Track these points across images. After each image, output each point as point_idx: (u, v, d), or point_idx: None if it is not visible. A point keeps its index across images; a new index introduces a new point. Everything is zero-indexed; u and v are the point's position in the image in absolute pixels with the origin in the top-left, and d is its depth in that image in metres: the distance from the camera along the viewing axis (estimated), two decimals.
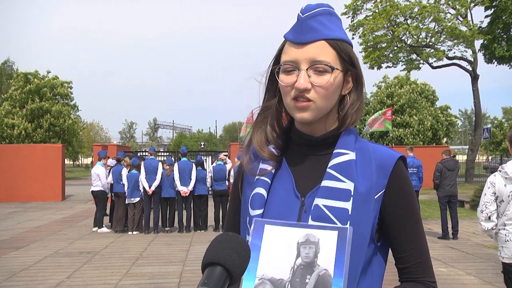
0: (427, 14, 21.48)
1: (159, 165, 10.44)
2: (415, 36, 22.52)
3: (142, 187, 10.32)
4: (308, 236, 0.92)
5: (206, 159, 17.46)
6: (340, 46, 1.09)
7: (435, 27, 22.30)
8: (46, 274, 6.76)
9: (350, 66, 1.11)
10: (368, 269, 1.07)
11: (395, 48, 23.47)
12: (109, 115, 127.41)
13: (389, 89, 30.64)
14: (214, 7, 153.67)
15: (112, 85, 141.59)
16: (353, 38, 23.00)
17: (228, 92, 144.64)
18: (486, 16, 22.73)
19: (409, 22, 22.68)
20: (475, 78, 22.55)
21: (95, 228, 10.75)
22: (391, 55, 24.06)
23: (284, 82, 1.09)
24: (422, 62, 23.78)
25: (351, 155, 1.08)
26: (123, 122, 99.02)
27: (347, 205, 1.03)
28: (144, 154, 17.76)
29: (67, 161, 42.73)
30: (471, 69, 22.72)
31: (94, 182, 10.79)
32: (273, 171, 1.15)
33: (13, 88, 32.14)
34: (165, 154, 22.13)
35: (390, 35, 22.76)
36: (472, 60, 22.71)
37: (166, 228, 10.57)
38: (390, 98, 30.07)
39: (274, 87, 1.19)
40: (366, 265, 1.06)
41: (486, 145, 30.43)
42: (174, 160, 12.77)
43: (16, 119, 30.67)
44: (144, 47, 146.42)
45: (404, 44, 23.20)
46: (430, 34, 22.41)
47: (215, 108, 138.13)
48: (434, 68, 23.71)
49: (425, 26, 22.16)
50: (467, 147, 29.06)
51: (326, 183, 1.06)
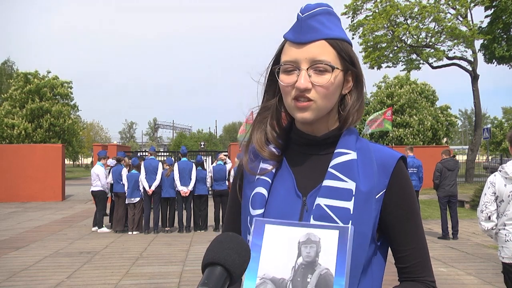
0: (427, 14, 21.48)
1: (159, 165, 10.44)
2: (415, 36, 22.52)
3: (142, 187, 10.32)
4: (309, 236, 0.92)
5: (206, 159, 17.47)
6: (340, 45, 1.09)
7: (435, 27, 22.30)
8: (46, 274, 6.76)
9: (350, 66, 1.11)
10: (368, 268, 1.07)
11: (395, 48, 23.46)
12: (109, 115, 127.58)
13: (389, 89, 30.63)
14: (214, 7, 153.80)
15: (112, 85, 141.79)
16: (353, 38, 23.00)
17: (228, 92, 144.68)
18: (486, 16, 22.74)
19: (409, 22, 22.68)
20: (475, 78, 22.55)
21: (94, 228, 10.75)
22: (391, 55, 24.05)
23: (284, 82, 1.09)
24: (422, 62, 23.77)
25: (352, 155, 1.08)
26: (123, 122, 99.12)
27: (349, 204, 1.03)
28: (144, 154, 17.76)
29: (67, 161, 42.74)
30: (471, 69, 22.72)
31: (93, 182, 10.80)
32: (273, 170, 1.15)
33: (13, 88, 32.15)
34: (165, 154, 22.14)
35: (390, 35, 22.76)
36: (472, 60, 22.71)
37: (166, 228, 10.57)
38: (390, 98, 30.07)
39: (273, 87, 1.18)
40: (366, 264, 1.06)
41: (486, 145, 30.43)
42: (174, 160, 12.77)
43: (16, 119, 30.67)
44: (144, 47, 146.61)
45: (404, 44, 23.20)
46: (430, 34, 22.40)
47: (215, 108, 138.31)
48: (434, 68, 23.71)
49: (425, 26, 22.16)
50: (467, 147, 29.07)
51: (327, 182, 1.06)
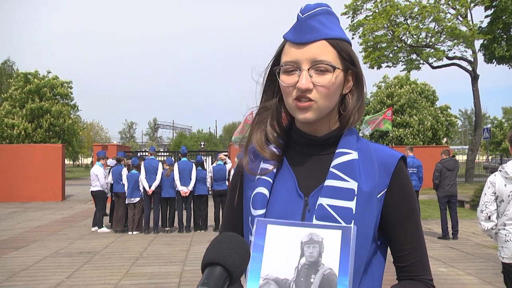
0: (427, 14, 21.48)
1: (159, 165, 10.44)
2: (415, 36, 22.52)
3: (142, 187, 10.32)
4: (311, 236, 0.92)
5: (206, 159, 17.47)
6: (340, 45, 1.09)
7: (435, 27, 22.30)
8: (46, 274, 6.76)
9: (351, 65, 1.12)
10: (368, 268, 1.08)
11: (395, 48, 23.46)
12: (109, 115, 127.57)
13: (389, 89, 30.63)
14: (214, 7, 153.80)
15: (112, 85, 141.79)
16: (353, 38, 23.00)
17: (228, 92, 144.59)
18: (486, 16, 22.73)
19: (409, 22, 22.68)
20: (475, 78, 22.55)
21: (94, 228, 10.76)
22: (391, 55, 24.05)
23: (285, 83, 1.09)
24: (422, 62, 23.77)
25: (353, 155, 1.09)
26: (123, 122, 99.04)
27: (351, 204, 1.03)
28: (144, 154, 17.76)
29: (67, 161, 42.74)
30: (471, 69, 22.72)
31: (93, 183, 10.81)
32: (274, 170, 1.15)
33: (13, 88, 32.14)
34: (165, 154, 22.14)
35: (390, 35, 22.76)
36: (472, 60, 22.71)
37: (166, 228, 10.57)
38: (390, 98, 30.06)
39: (272, 87, 1.18)
40: (367, 264, 1.06)
41: (486, 145, 30.43)
42: (174, 160, 12.77)
43: (16, 119, 30.65)
44: (144, 47, 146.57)
45: (404, 44, 23.20)
46: (430, 34, 22.40)
47: (215, 108, 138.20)
48: (434, 68, 23.71)
49: (425, 26, 22.16)
50: (467, 147, 29.06)
51: (329, 182, 1.06)
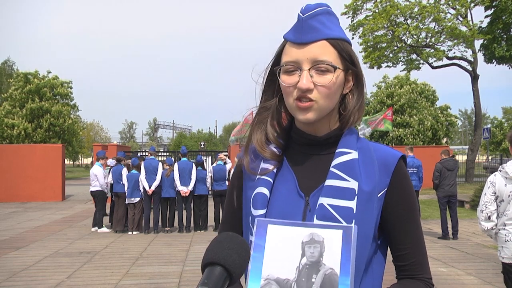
0: (427, 14, 21.48)
1: (159, 165, 10.44)
2: (415, 36, 22.52)
3: (142, 187, 10.32)
4: (312, 236, 0.92)
5: (206, 159, 17.46)
6: (340, 45, 1.09)
7: (435, 27, 22.30)
8: (46, 274, 6.76)
9: (351, 65, 1.12)
10: (369, 267, 1.08)
11: (395, 48, 23.46)
12: (109, 115, 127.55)
13: (389, 89, 30.62)
14: (214, 7, 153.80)
15: (112, 85, 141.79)
16: (353, 38, 23.00)
17: (228, 92, 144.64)
18: (486, 16, 22.74)
19: (409, 22, 22.68)
20: (475, 78, 22.55)
21: (94, 228, 10.76)
22: (391, 55, 24.05)
23: (286, 83, 1.09)
24: (422, 62, 23.78)
25: (353, 154, 1.09)
26: (123, 122, 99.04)
27: (352, 204, 1.03)
28: (144, 154, 17.76)
29: (67, 161, 42.73)
30: (471, 69, 22.72)
31: (92, 183, 10.81)
32: (274, 170, 1.15)
33: (13, 88, 32.13)
34: (165, 154, 22.13)
35: (390, 35, 22.76)
36: (472, 60, 22.71)
37: (166, 228, 10.57)
38: (390, 98, 30.06)
39: (272, 87, 1.18)
40: (367, 263, 1.07)
41: (486, 145, 30.43)
42: (174, 160, 12.77)
43: (16, 119, 30.65)
44: (144, 47, 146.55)
45: (404, 44, 23.20)
46: (430, 34, 22.40)
47: (215, 108, 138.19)
48: (434, 68, 23.71)
49: (425, 26, 22.16)
50: (467, 147, 29.06)
51: (330, 182, 1.06)
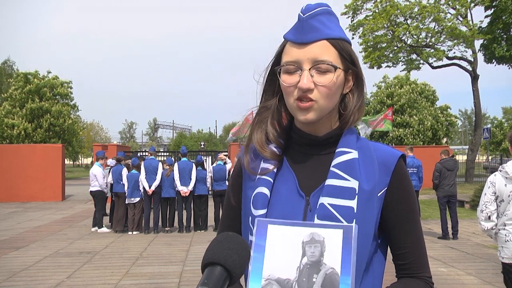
0: (427, 14, 21.48)
1: (159, 165, 10.44)
2: (415, 36, 22.52)
3: (142, 187, 10.32)
4: (313, 235, 0.92)
5: (206, 159, 17.46)
6: (341, 45, 1.09)
7: (435, 27, 22.30)
8: (46, 274, 6.76)
9: (351, 65, 1.12)
10: (369, 266, 1.08)
11: (395, 48, 23.47)
12: (109, 115, 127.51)
13: (389, 89, 30.62)
14: (214, 7, 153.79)
15: (112, 85, 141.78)
16: (353, 38, 23.00)
17: (228, 92, 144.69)
18: (486, 16, 22.74)
19: (409, 22, 22.68)
20: (475, 78, 22.55)
21: (94, 228, 10.76)
22: (391, 55, 24.05)
23: (286, 83, 1.09)
24: (422, 62, 23.78)
25: (353, 154, 1.09)
26: (123, 122, 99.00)
27: (352, 203, 1.04)
28: (144, 154, 17.76)
29: (67, 161, 42.74)
30: (471, 69, 22.72)
31: (92, 183, 10.81)
32: (274, 170, 1.15)
33: (13, 88, 32.13)
34: (165, 154, 22.14)
35: (390, 35, 22.76)
36: (472, 60, 22.71)
37: (166, 228, 10.57)
38: (390, 98, 30.06)
39: (272, 87, 1.19)
40: (368, 262, 1.07)
41: (486, 145, 30.44)
42: (174, 160, 12.77)
43: (16, 119, 30.65)
44: (144, 47, 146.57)
45: (404, 44, 23.20)
46: (430, 34, 22.40)
47: (215, 108, 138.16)
48: (434, 68, 23.71)
49: (425, 26, 22.16)
50: (467, 147, 29.07)
51: (330, 181, 1.06)
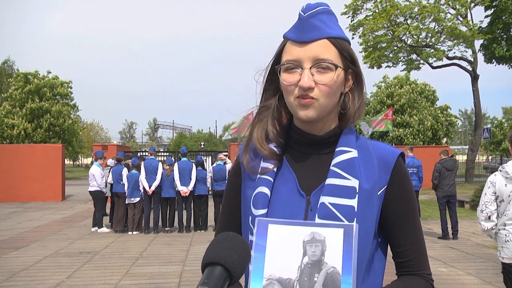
0: (427, 14, 21.49)
1: (159, 165, 10.44)
2: (415, 36, 22.52)
3: (142, 187, 10.32)
4: (313, 235, 0.92)
5: (206, 159, 17.47)
6: (341, 44, 1.10)
7: (435, 27, 22.31)
8: (46, 274, 6.76)
9: (351, 64, 1.12)
10: (370, 265, 1.08)
11: (395, 48, 23.47)
12: (109, 115, 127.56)
13: (389, 89, 30.64)
14: (214, 7, 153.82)
15: (112, 85, 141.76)
16: (353, 38, 23.02)
17: (228, 92, 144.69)
18: (486, 16, 22.75)
19: (409, 22, 22.69)
20: (475, 78, 22.56)
21: (94, 228, 10.76)
22: (391, 55, 24.06)
23: (286, 81, 1.09)
24: (422, 62, 23.79)
25: (353, 153, 1.09)
26: (123, 122, 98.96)
27: (353, 202, 1.04)
28: (144, 154, 17.76)
29: (67, 161, 42.73)
30: (471, 69, 22.73)
31: (90, 183, 10.81)
32: (275, 169, 1.15)
33: (13, 87, 32.13)
34: (165, 154, 22.14)
35: (390, 35, 22.76)
36: (472, 60, 22.72)
37: (166, 228, 10.56)
38: (390, 98, 30.08)
39: (272, 86, 1.19)
40: (369, 261, 1.07)
41: (486, 145, 30.43)
42: (174, 160, 12.76)
43: (16, 119, 30.66)
44: (144, 47, 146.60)
45: (404, 44, 23.21)
46: (430, 34, 22.41)
47: (215, 108, 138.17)
48: (434, 68, 23.72)
49: (425, 26, 22.17)
50: (467, 147, 29.07)
51: (331, 181, 1.06)
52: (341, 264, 0.89)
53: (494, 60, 22.74)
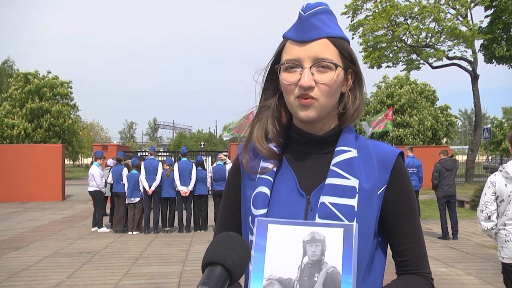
0: (427, 14, 21.49)
1: (159, 165, 10.44)
2: (415, 36, 22.52)
3: (142, 187, 10.32)
4: (313, 234, 0.92)
5: (206, 159, 17.47)
6: (341, 43, 1.10)
7: (435, 27, 22.31)
8: (46, 274, 6.76)
9: (351, 64, 1.13)
10: (370, 264, 1.08)
11: (395, 48, 23.47)
12: (109, 115, 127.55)
13: (389, 89, 30.63)
14: (214, 7, 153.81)
15: (112, 85, 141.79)
16: (353, 38, 23.02)
17: (228, 92, 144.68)
18: (486, 16, 22.75)
19: (409, 22, 22.69)
20: (475, 78, 22.56)
21: (94, 228, 10.76)
22: (391, 55, 24.06)
23: (286, 81, 1.09)
24: (422, 62, 23.78)
25: (353, 152, 1.09)
26: (123, 122, 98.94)
27: (353, 202, 1.04)
28: (144, 154, 17.76)
29: (67, 161, 42.73)
30: (471, 69, 22.73)
31: (90, 183, 10.80)
32: (274, 169, 1.14)
33: (13, 87, 32.13)
34: (165, 154, 22.14)
35: (390, 35, 22.76)
36: (472, 60, 22.72)
37: (166, 228, 10.57)
38: (390, 98, 30.07)
39: (272, 86, 1.19)
40: (369, 261, 1.07)
41: (486, 145, 30.43)
42: (174, 160, 12.76)
43: (16, 119, 30.66)
44: (144, 47, 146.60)
45: (404, 44, 23.21)
46: (430, 34, 22.41)
47: (215, 108, 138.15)
48: (434, 68, 23.72)
49: (425, 26, 22.17)
50: (467, 147, 29.07)
51: (330, 180, 1.06)
52: (341, 264, 0.89)
53: (494, 60, 22.74)
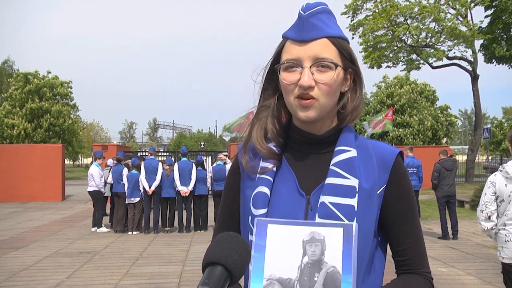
0: (427, 14, 21.49)
1: (159, 165, 10.44)
2: (415, 36, 22.52)
3: (142, 187, 10.32)
4: (313, 234, 0.92)
5: (206, 159, 17.47)
6: (340, 43, 1.10)
7: (435, 27, 22.31)
8: (46, 274, 6.76)
9: (350, 63, 1.13)
10: (370, 264, 1.08)
11: (395, 48, 23.47)
12: (109, 115, 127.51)
13: (389, 89, 30.63)
14: (214, 7, 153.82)
15: (112, 85, 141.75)
16: (353, 38, 23.03)
17: (228, 92, 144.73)
18: (486, 16, 22.75)
19: (409, 22, 22.68)
20: (475, 78, 22.56)
21: (93, 228, 10.76)
22: (391, 55, 24.06)
23: (286, 80, 1.09)
24: (422, 62, 23.77)
25: (353, 152, 1.09)
26: (123, 122, 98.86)
27: (353, 201, 1.04)
28: (144, 154, 17.76)
29: (67, 161, 42.71)
30: (471, 69, 22.72)
31: (89, 183, 10.81)
32: (274, 169, 1.14)
33: (13, 87, 32.13)
34: (165, 154, 22.14)
35: (390, 35, 22.76)
36: (472, 60, 22.72)
37: (166, 228, 10.56)
38: (390, 98, 30.07)
39: (272, 86, 1.19)
40: (369, 260, 1.07)
41: (486, 145, 30.43)
42: (174, 160, 12.76)
43: (16, 119, 30.65)
44: (144, 47, 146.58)
45: (404, 44, 23.20)
46: (430, 34, 22.41)
47: (215, 108, 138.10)
48: (434, 68, 23.71)
49: (425, 26, 22.17)
50: (467, 147, 29.07)
51: (330, 180, 1.06)
52: (341, 264, 0.89)
53: (494, 60, 22.73)
